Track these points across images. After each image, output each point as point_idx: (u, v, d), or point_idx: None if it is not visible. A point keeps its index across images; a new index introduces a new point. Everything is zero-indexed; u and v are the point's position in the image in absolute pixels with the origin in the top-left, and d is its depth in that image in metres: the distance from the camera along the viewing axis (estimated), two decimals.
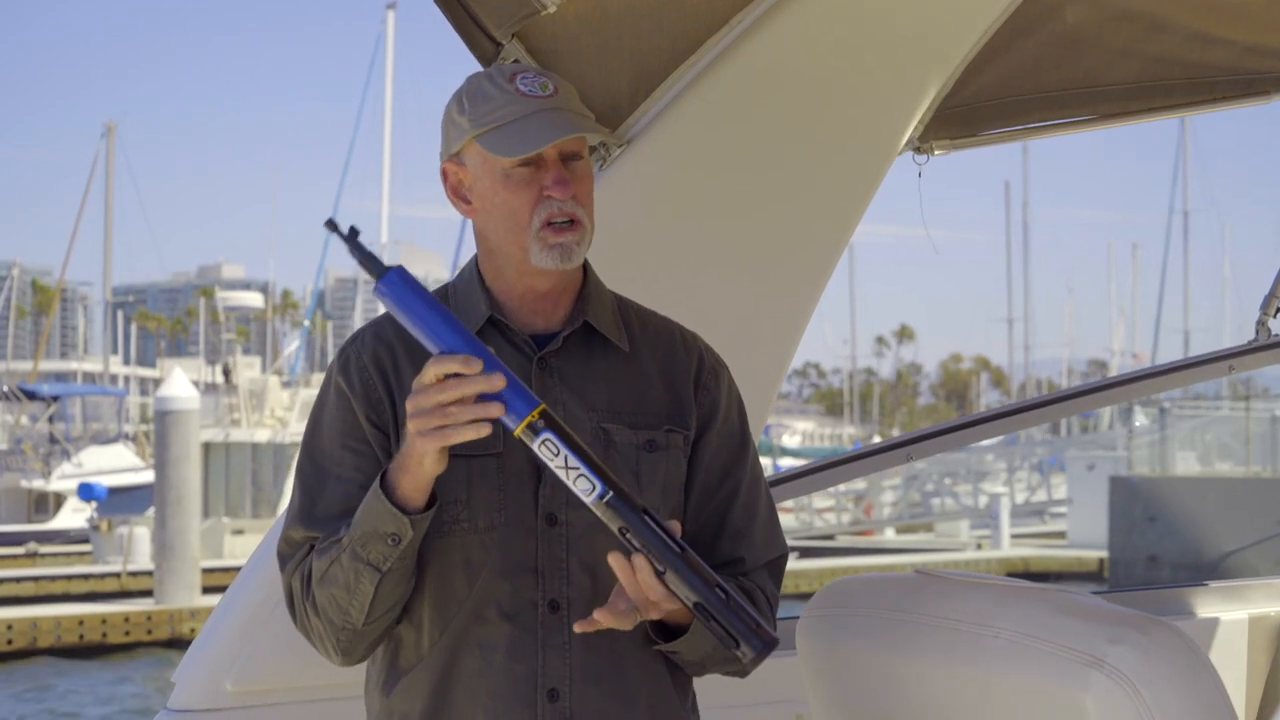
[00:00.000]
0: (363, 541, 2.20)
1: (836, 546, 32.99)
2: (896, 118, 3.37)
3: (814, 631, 2.77)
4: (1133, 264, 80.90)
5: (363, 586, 2.22)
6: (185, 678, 3.00)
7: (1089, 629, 2.33)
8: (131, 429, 43.08)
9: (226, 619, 3.01)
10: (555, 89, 2.31)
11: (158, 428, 22.96)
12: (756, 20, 3.15)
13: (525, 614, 2.28)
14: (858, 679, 2.70)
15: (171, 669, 3.35)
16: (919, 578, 2.69)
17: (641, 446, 2.34)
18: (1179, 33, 3.48)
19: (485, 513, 2.27)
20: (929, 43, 3.35)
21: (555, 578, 2.29)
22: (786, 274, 3.36)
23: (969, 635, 2.47)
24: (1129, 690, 2.24)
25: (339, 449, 2.32)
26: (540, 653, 2.28)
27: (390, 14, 46.90)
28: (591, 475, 2.10)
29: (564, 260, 2.29)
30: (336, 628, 2.28)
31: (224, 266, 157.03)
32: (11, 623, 21.34)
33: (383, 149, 46.63)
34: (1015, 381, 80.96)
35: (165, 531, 21.92)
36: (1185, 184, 61.88)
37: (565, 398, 2.33)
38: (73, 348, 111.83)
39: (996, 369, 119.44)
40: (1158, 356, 61.80)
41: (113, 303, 62.69)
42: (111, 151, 52.51)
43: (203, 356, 55.19)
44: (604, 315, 2.39)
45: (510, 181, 2.29)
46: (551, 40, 3.01)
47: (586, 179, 2.34)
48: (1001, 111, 3.61)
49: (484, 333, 2.33)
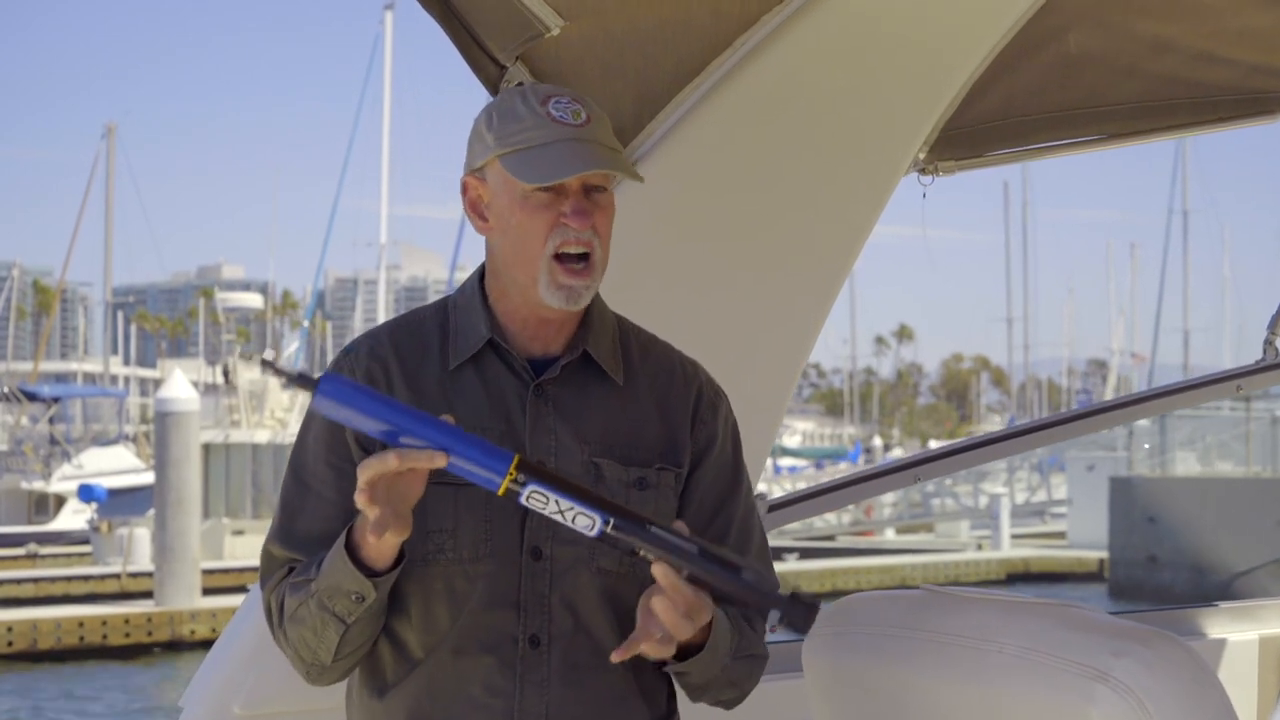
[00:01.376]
0: (328, 594, 2.19)
1: (837, 547, 32.97)
2: (901, 139, 3.37)
3: (820, 650, 2.76)
4: (1132, 264, 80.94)
5: (328, 634, 2.23)
6: (193, 701, 3.00)
7: (1093, 642, 2.33)
8: (132, 430, 43.05)
9: (234, 642, 3.00)
10: (588, 118, 2.27)
11: (158, 429, 22.94)
12: (761, 41, 3.15)
13: (505, 648, 2.27)
14: (865, 697, 2.70)
15: (170, 668, 3.35)
16: (925, 594, 2.70)
17: (632, 484, 2.31)
18: (1183, 53, 3.48)
19: (470, 544, 2.26)
20: (933, 64, 3.34)
21: (537, 613, 2.27)
22: (792, 294, 3.36)
23: (974, 651, 2.47)
24: (1134, 704, 2.24)
25: (323, 465, 2.30)
26: (519, 688, 2.26)
27: (388, 15, 46.91)
28: (588, 510, 2.07)
29: (570, 302, 2.27)
30: (306, 662, 2.29)
31: (224, 267, 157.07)
32: (11, 624, 21.32)
33: (381, 149, 46.66)
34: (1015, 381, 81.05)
35: (165, 533, 21.89)
36: (1185, 184, 61.88)
37: (558, 427, 2.30)
38: (73, 348, 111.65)
39: (996, 369, 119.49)
40: (1157, 356, 61.84)
41: (113, 303, 62.69)
42: (111, 151, 52.53)
43: (203, 357, 55.12)
44: (604, 345, 2.36)
45: (528, 205, 2.26)
46: (556, 62, 3.01)
47: (607, 211, 2.31)
48: (1006, 132, 3.60)
49: (481, 354, 2.32)
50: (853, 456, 52.92)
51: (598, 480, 2.28)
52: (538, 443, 2.28)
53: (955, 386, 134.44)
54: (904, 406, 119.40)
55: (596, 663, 2.28)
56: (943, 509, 35.71)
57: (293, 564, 2.29)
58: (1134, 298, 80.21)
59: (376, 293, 51.11)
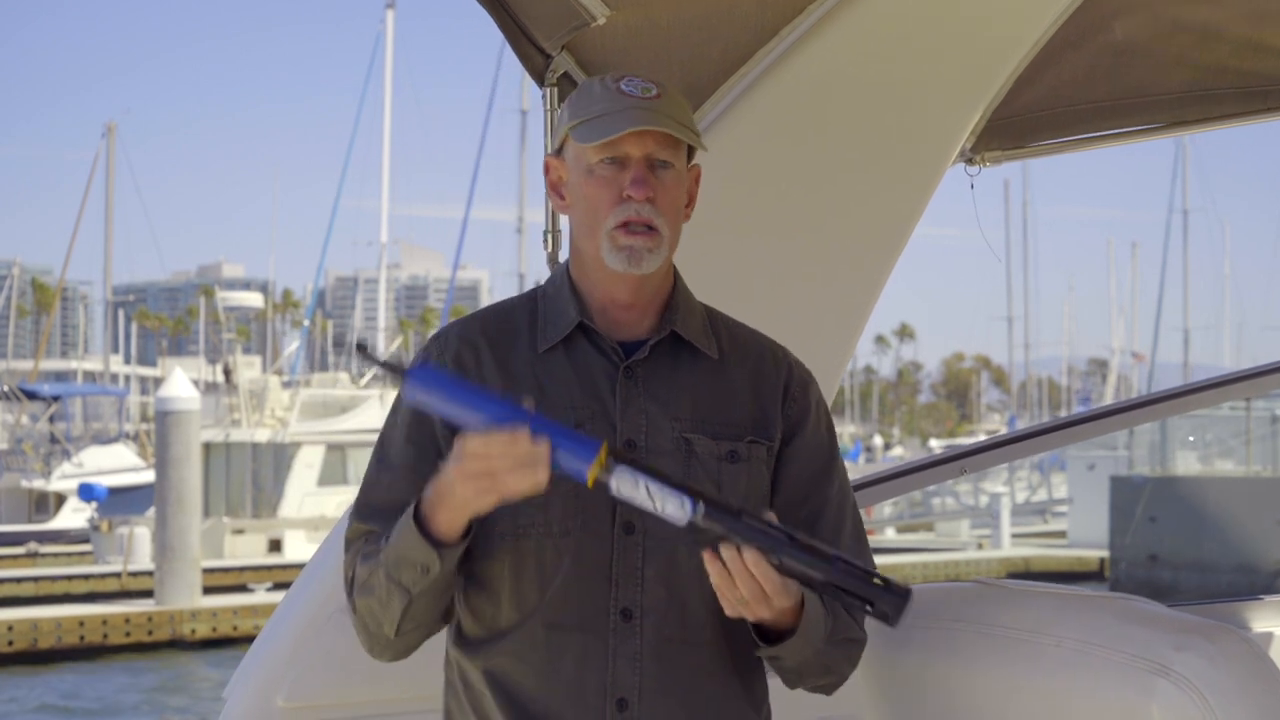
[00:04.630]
0: (395, 563, 2.20)
1: None
2: (948, 128, 3.35)
3: (873, 644, 2.74)
4: (1132, 262, 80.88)
5: (393, 604, 2.23)
6: (236, 694, 2.98)
7: (1154, 637, 2.31)
8: (132, 428, 43.02)
9: (277, 635, 2.99)
10: (658, 94, 2.30)
11: (158, 427, 22.92)
12: (807, 31, 3.13)
13: (597, 621, 2.26)
14: (917, 690, 2.69)
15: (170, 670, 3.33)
16: (978, 587, 2.69)
17: (723, 457, 2.31)
18: (1231, 42, 3.45)
19: (561, 519, 2.26)
20: (980, 54, 3.33)
21: (629, 585, 2.27)
22: (839, 285, 3.34)
23: (1030, 644, 2.45)
24: (1195, 698, 2.22)
25: (403, 442, 2.32)
26: (610, 662, 2.26)
27: (389, 13, 46.85)
28: (677, 495, 2.07)
29: (631, 264, 2.28)
30: (370, 633, 2.30)
31: (224, 266, 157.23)
32: (12, 623, 21.28)
33: (382, 148, 46.59)
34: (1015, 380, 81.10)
35: (166, 531, 21.86)
36: (1185, 182, 61.87)
37: (649, 406, 2.31)
38: (73, 347, 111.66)
39: (997, 367, 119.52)
40: (1157, 355, 61.82)
41: (113, 302, 62.63)
42: (112, 151, 52.42)
43: (203, 356, 55.12)
44: (693, 324, 2.37)
45: (593, 178, 2.29)
46: (601, 52, 3.00)
47: (673, 189, 2.32)
48: (1053, 122, 3.58)
49: (571, 338, 2.33)
50: (853, 455, 52.89)
51: (689, 455, 2.29)
52: (629, 422, 2.29)
53: (956, 385, 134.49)
54: (904, 405, 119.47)
55: (690, 637, 2.28)
56: (943, 508, 35.69)
57: (369, 536, 2.29)
58: (1134, 296, 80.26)
59: (377, 292, 51.13)
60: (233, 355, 35.73)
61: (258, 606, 22.51)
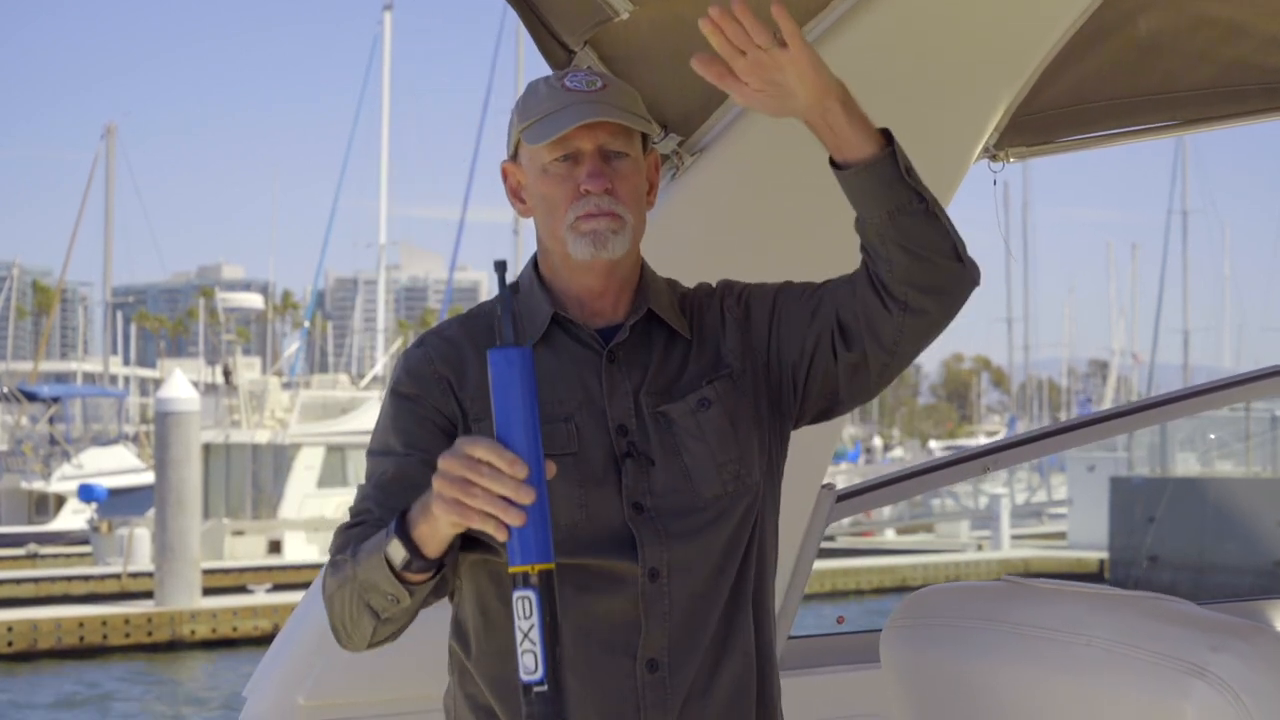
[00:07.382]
0: (365, 585, 2.18)
1: (836, 548, 32.90)
2: (971, 124, 3.34)
3: (899, 642, 2.73)
4: (1132, 264, 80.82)
5: (362, 623, 2.23)
6: (257, 693, 2.98)
7: (1189, 636, 2.28)
8: (132, 430, 42.99)
9: (298, 632, 2.98)
10: (604, 86, 2.32)
11: (158, 429, 22.88)
12: (830, 27, 3.12)
13: (626, 582, 2.26)
14: (944, 690, 2.67)
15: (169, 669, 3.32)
16: (1007, 586, 2.66)
17: (695, 410, 2.33)
18: (1257, 37, 3.44)
19: (566, 510, 2.25)
20: (1004, 49, 3.32)
21: (654, 547, 2.27)
22: None
23: (1060, 644, 2.43)
24: (1231, 699, 2.20)
25: (390, 432, 2.33)
26: (643, 622, 2.27)
27: (387, 15, 46.85)
28: (541, 659, 1.97)
29: (597, 247, 2.29)
30: (341, 636, 2.29)
31: (224, 267, 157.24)
32: (11, 624, 21.28)
33: (381, 149, 46.56)
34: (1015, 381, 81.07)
35: (165, 533, 21.83)
36: (1185, 184, 61.81)
37: (633, 390, 2.33)
38: (73, 348, 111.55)
39: (997, 369, 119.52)
40: (1157, 356, 61.76)
41: (113, 303, 62.52)
42: (111, 151, 52.35)
43: (203, 357, 55.05)
44: (664, 302, 2.39)
45: (548, 176, 2.31)
46: (624, 47, 2.99)
47: (631, 178, 2.33)
48: (1076, 118, 3.57)
49: (550, 334, 2.33)
50: (852, 456, 52.91)
51: (668, 427, 2.31)
52: (617, 407, 2.31)
53: (956, 386, 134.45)
54: (904, 406, 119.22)
55: (709, 590, 2.30)
56: (943, 509, 35.66)
57: (359, 517, 2.28)
58: (1134, 297, 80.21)
59: (376, 293, 51.05)
60: (232, 356, 35.75)
61: (257, 608, 22.51)
